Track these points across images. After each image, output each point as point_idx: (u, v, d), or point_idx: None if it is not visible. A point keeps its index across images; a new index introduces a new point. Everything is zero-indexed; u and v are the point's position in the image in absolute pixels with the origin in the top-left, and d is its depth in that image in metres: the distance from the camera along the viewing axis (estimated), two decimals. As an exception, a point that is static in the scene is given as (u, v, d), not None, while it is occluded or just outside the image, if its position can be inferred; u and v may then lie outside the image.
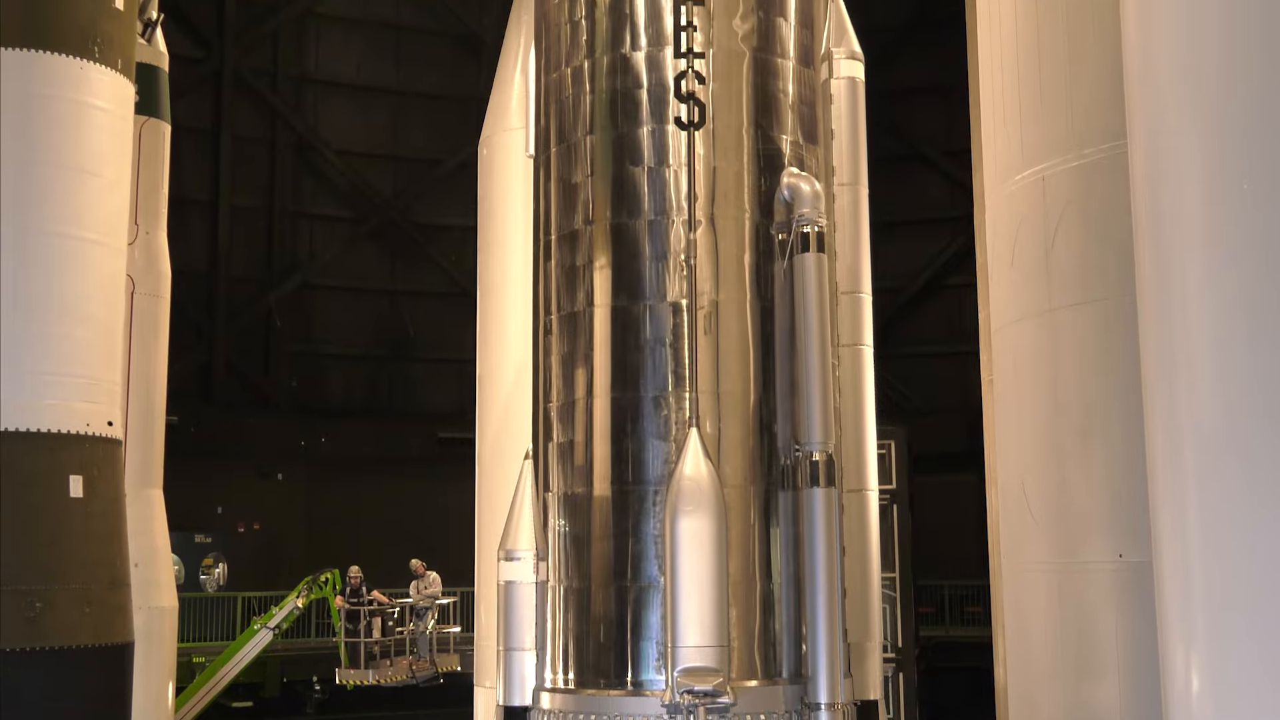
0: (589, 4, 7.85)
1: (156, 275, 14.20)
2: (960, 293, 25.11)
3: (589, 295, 7.55)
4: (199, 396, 26.14)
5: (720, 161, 7.47)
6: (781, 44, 7.80)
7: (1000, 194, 7.18)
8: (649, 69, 7.59)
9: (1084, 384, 6.46)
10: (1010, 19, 7.08)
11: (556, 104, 8.00)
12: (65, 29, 8.58)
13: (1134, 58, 4.15)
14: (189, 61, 24.96)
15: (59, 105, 8.53)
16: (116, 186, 9.08)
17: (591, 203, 7.63)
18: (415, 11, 28.29)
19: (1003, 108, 7.14)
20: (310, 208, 27.84)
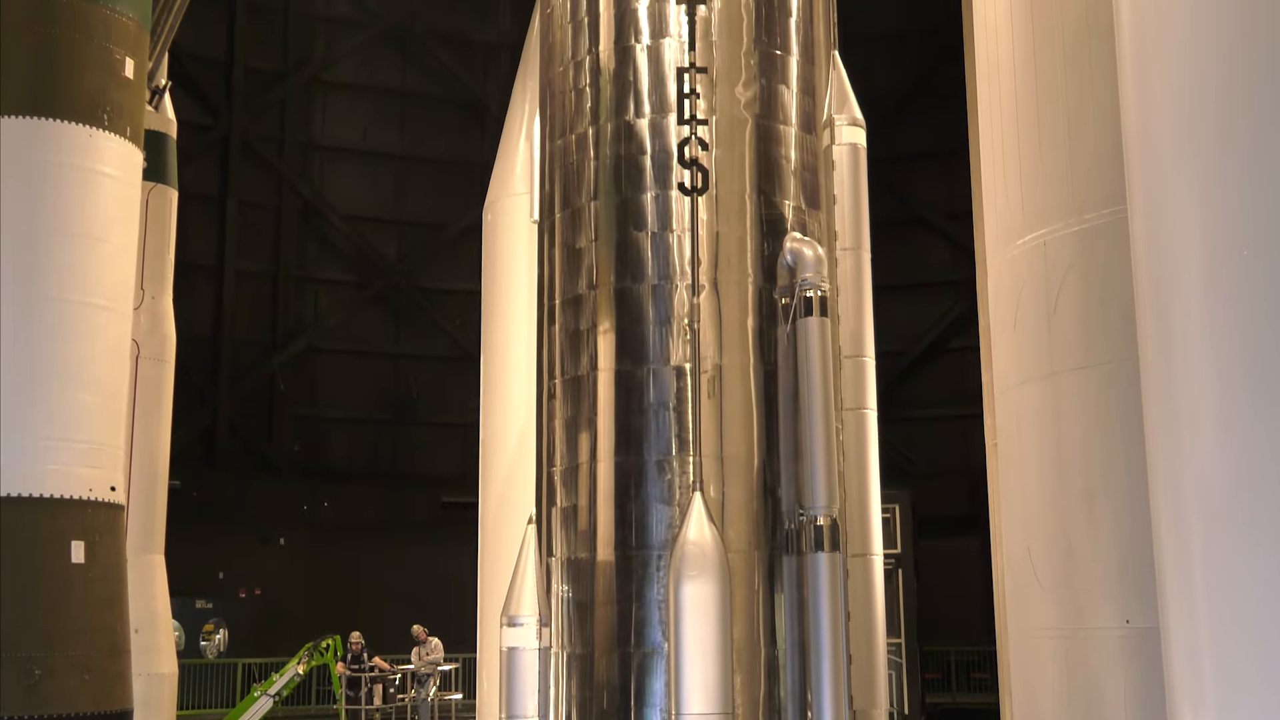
0: (593, 71, 7.94)
1: (161, 339, 14.24)
2: (963, 356, 25.13)
3: (593, 359, 7.56)
4: (201, 460, 26.11)
5: (723, 226, 7.52)
6: (784, 110, 7.88)
7: (1001, 258, 7.21)
8: (652, 135, 7.66)
9: (1088, 448, 6.44)
10: (1009, 84, 7.15)
11: (561, 169, 8.07)
12: (75, 97, 8.68)
13: (1133, 123, 4.18)
14: (197, 128, 25.21)
15: (68, 172, 8.61)
16: (123, 252, 9.13)
17: (595, 267, 7.67)
18: (421, 78, 28.59)
19: (1003, 172, 7.19)
20: (315, 272, 27.97)
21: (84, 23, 8.75)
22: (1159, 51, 3.71)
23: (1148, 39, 3.76)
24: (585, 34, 8.08)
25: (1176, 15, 3.56)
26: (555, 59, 8.31)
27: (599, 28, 8.01)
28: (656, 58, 7.78)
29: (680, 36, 7.75)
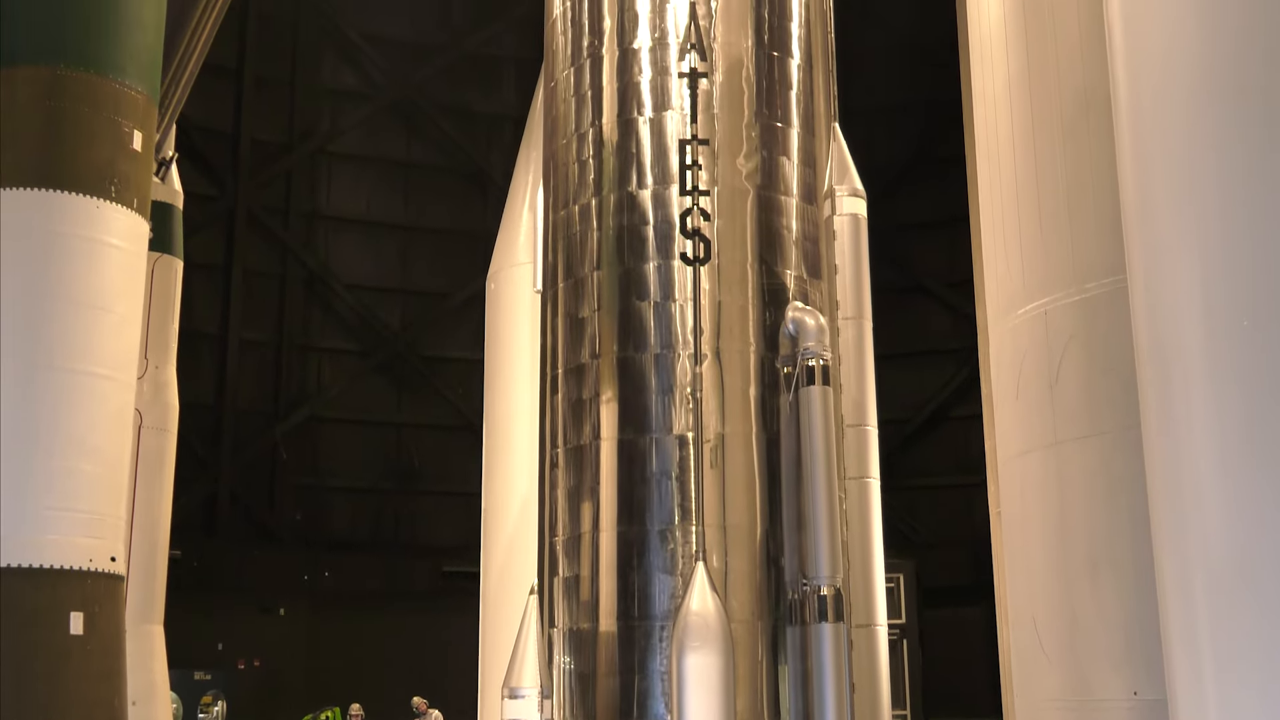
0: (596, 143, 8.03)
1: (164, 408, 14.25)
2: (966, 424, 25.07)
3: (595, 428, 7.57)
4: (202, 530, 26.00)
5: (725, 296, 7.56)
6: (785, 182, 7.96)
7: (1003, 327, 7.23)
8: (655, 206, 7.73)
9: (1092, 517, 6.42)
10: (1009, 155, 7.21)
11: (564, 240, 8.13)
12: (84, 169, 8.78)
13: (1131, 193, 4.22)
14: (203, 199, 25.40)
15: (75, 243, 8.68)
16: (128, 323, 9.18)
17: (598, 337, 7.70)
18: (425, 149, 28.85)
19: (1003, 241, 7.23)
20: (318, 341, 28.04)
21: (94, 96, 8.87)
22: (1156, 123, 3.76)
23: (1145, 111, 3.81)
24: (588, 107, 8.18)
25: (1173, 89, 3.61)
26: (559, 131, 8.41)
27: (602, 101, 8.12)
28: (659, 130, 7.87)
29: (682, 109, 7.85)
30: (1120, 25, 3.84)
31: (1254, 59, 3.27)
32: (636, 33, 8.11)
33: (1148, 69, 3.75)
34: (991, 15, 7.48)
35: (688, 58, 7.94)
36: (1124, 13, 3.82)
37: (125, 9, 9.09)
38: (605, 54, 8.18)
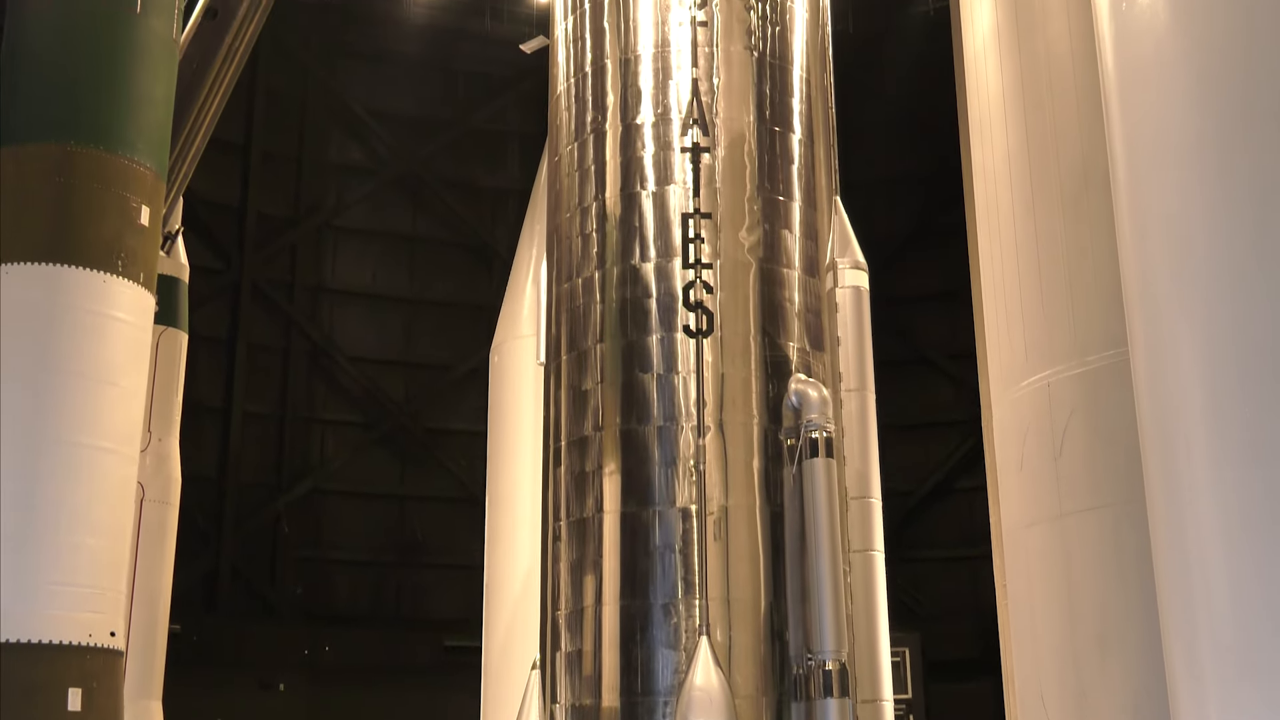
0: (599, 217, 8.09)
1: (166, 481, 14.22)
2: (970, 496, 24.95)
3: (598, 501, 7.55)
4: (202, 604, 25.82)
5: (728, 368, 7.58)
6: (787, 255, 8.00)
7: (1006, 399, 7.24)
8: (658, 279, 7.77)
9: (1099, 590, 6.38)
10: (1009, 229, 7.26)
11: (567, 312, 8.17)
12: (91, 244, 8.84)
13: (1131, 266, 4.24)
14: (209, 272, 25.54)
15: (81, 317, 8.72)
16: (133, 396, 9.19)
17: (601, 409, 7.70)
18: (430, 223, 29.03)
19: (1005, 314, 7.26)
20: (322, 413, 28.02)
21: (103, 172, 8.96)
22: (1154, 197, 3.79)
23: (1143, 184, 3.84)
24: (592, 181, 8.25)
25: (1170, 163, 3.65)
26: (562, 205, 8.48)
27: (605, 175, 8.19)
28: (662, 204, 7.93)
29: (685, 183, 7.92)
30: (1117, 100, 3.89)
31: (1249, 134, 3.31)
32: (639, 108, 8.20)
33: (1145, 143, 3.79)
34: (990, 89, 7.57)
35: (690, 132, 8.03)
36: (1120, 88, 3.87)
37: (136, 87, 9.21)
38: (608, 129, 8.27)
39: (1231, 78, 3.33)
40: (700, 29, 8.26)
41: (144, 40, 9.30)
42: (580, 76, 8.57)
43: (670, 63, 8.23)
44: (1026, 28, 7.18)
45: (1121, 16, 3.74)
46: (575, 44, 8.69)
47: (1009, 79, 7.31)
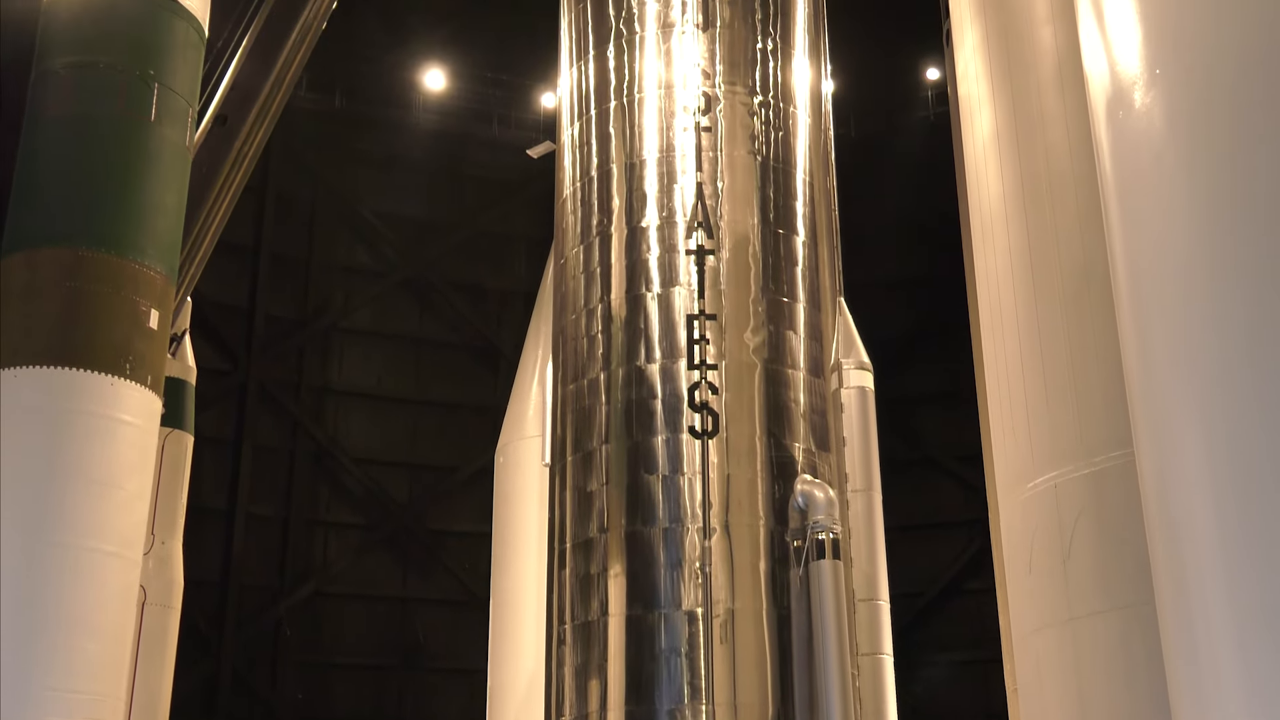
0: (605, 319, 8.14)
1: (168, 584, 14.12)
2: (980, 598, 24.69)
3: (603, 604, 7.48)
4: (202, 709, 25.45)
5: (734, 469, 7.56)
6: (792, 356, 8.03)
7: (1013, 500, 7.20)
8: (663, 380, 7.80)
9: (1111, 695, 6.28)
10: (1013, 330, 7.29)
11: (573, 413, 8.17)
12: (100, 348, 8.90)
13: (1135, 368, 4.26)
14: (216, 374, 25.63)
15: (89, 420, 8.74)
16: (138, 499, 9.17)
17: (606, 511, 7.67)
18: (436, 324, 29.19)
19: (1010, 415, 7.26)
20: (326, 515, 27.91)
21: (113, 276, 9.05)
22: (1155, 299, 3.82)
23: (1144, 287, 3.87)
24: (597, 283, 8.32)
25: (1169, 269, 3.69)
26: (568, 306, 8.54)
27: (611, 277, 8.26)
28: (667, 305, 7.99)
29: (690, 285, 7.98)
30: (1116, 206, 3.94)
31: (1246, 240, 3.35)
32: (645, 212, 8.30)
33: (1144, 247, 3.83)
34: (991, 192, 7.65)
35: (695, 235, 8.11)
36: (1119, 194, 3.92)
37: (149, 193, 9.35)
38: (614, 232, 8.36)
39: (1229, 184, 3.37)
40: (704, 134, 8.40)
41: (158, 148, 9.46)
42: (586, 181, 8.69)
43: (675, 167, 8.34)
44: (1026, 132, 7.29)
45: (1118, 124, 3.81)
46: (581, 149, 8.83)
47: (1009, 182, 7.40)
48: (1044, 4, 7.31)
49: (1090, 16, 4.05)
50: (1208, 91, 3.44)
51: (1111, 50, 3.87)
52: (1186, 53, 3.52)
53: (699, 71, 8.53)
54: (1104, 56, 3.92)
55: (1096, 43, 3.99)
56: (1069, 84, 6.89)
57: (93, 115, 9.33)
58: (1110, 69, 3.85)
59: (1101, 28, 3.95)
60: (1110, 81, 3.84)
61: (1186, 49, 3.52)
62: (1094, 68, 4.01)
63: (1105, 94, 3.88)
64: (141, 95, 9.41)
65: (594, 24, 9.03)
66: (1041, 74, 7.23)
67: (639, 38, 8.74)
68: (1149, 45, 3.66)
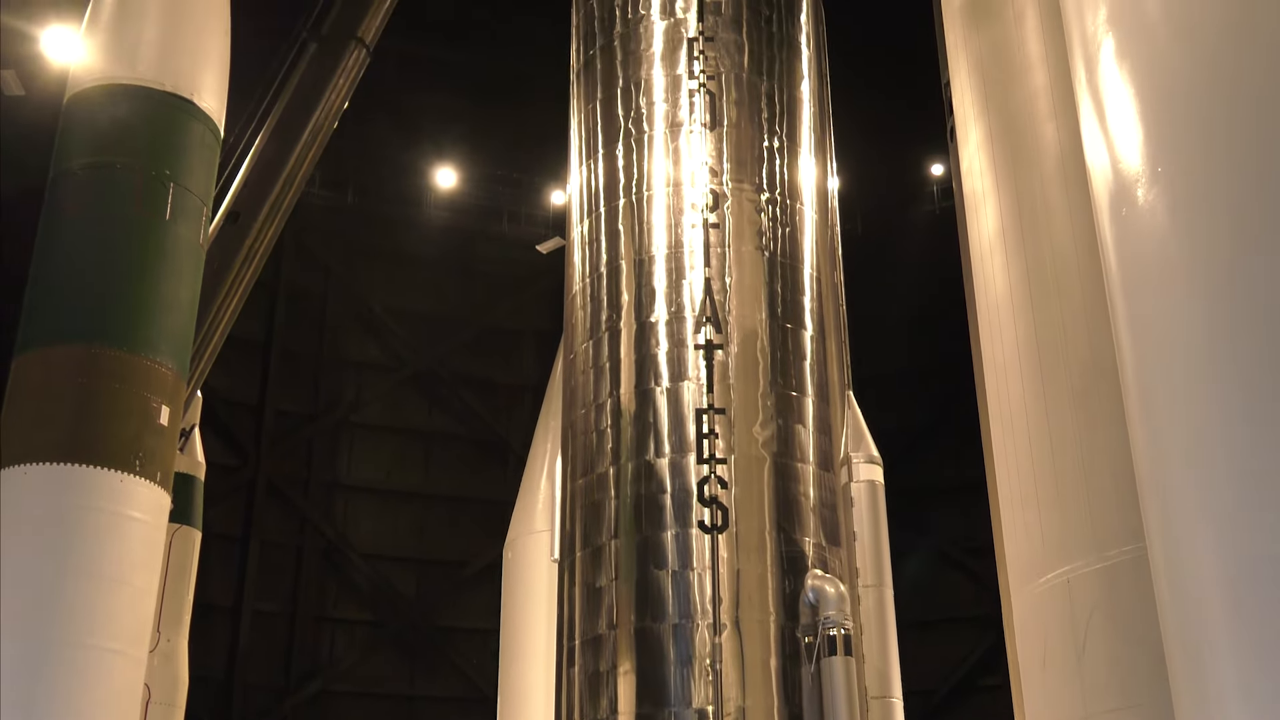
0: (615, 413, 8.15)
1: (173, 682, 13.97)
2: (994, 694, 24.30)
3: (612, 702, 7.39)
4: (205, 813, 25.04)
5: (744, 564, 7.52)
6: (801, 449, 8.03)
7: (1026, 595, 7.13)
8: (672, 474, 7.79)
9: (1130, 796, 6.16)
10: (1022, 423, 7.28)
11: (582, 508, 8.15)
12: (110, 444, 8.91)
13: (1144, 463, 4.25)
14: (225, 469, 25.61)
15: (97, 516, 8.73)
16: (145, 596, 9.12)
17: (615, 607, 7.61)
18: (445, 419, 29.22)
19: (1021, 508, 7.22)
20: (333, 612, 27.69)
21: (125, 373, 9.10)
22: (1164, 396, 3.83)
23: (1151, 385, 3.89)
24: (607, 378, 8.35)
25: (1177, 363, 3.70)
26: (578, 401, 8.56)
27: (620, 372, 8.29)
28: (676, 400, 8.00)
29: (699, 379, 8.01)
30: (1121, 300, 3.97)
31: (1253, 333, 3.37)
32: (654, 307, 8.36)
33: (1151, 342, 3.85)
34: (997, 286, 7.69)
35: (703, 330, 8.15)
36: (1124, 289, 3.95)
37: (163, 291, 9.43)
38: (623, 327, 8.41)
39: (1231, 281, 3.40)
40: (712, 230, 8.48)
41: (172, 246, 9.57)
42: (596, 276, 8.76)
43: (684, 263, 8.42)
44: (1030, 227, 7.35)
45: (1122, 220, 3.85)
46: (591, 245, 8.92)
47: (1015, 277, 7.44)
48: (1046, 101, 7.42)
49: (1092, 114, 4.12)
50: (1208, 189, 3.48)
51: (1113, 147, 3.93)
52: (1186, 151, 3.57)
53: (707, 169, 8.65)
54: (1106, 154, 3.98)
55: (1098, 140, 4.05)
56: (1072, 180, 6.96)
57: (108, 215, 9.46)
58: (1112, 166, 3.91)
59: (1103, 125, 4.02)
60: (1113, 178, 3.89)
61: (1186, 147, 3.57)
62: (1096, 164, 4.06)
63: (1108, 190, 3.93)
64: (157, 195, 9.55)
65: (603, 124, 9.18)
66: (1045, 170, 7.31)
67: (647, 137, 8.87)
68: (1150, 143, 3.72)
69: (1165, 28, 3.74)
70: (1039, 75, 7.52)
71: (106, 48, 10.05)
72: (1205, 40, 3.59)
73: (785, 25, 9.45)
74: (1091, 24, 4.03)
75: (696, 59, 8.98)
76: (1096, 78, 3.99)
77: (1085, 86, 4.12)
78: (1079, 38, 4.16)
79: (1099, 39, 3.98)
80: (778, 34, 9.35)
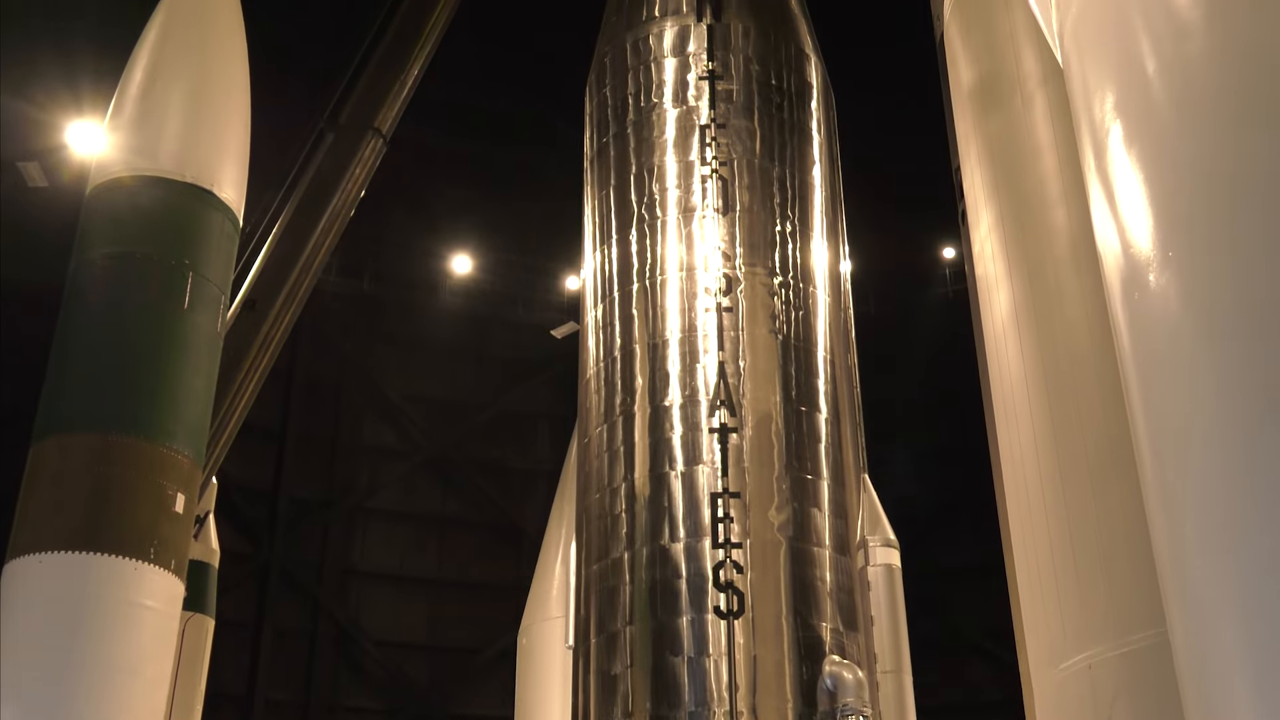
0: (629, 497, 8.13)
1: (186, 774, 13.81)
2: (1018, 783, 23.88)
3: (630, 793, 7.29)
4: None
5: (760, 650, 7.45)
6: (817, 533, 7.98)
7: (1047, 680, 7.04)
8: (688, 559, 7.74)
9: None
10: (1039, 505, 7.24)
11: (597, 594, 8.10)
12: (125, 532, 8.92)
13: (1163, 547, 4.22)
14: (239, 556, 25.54)
15: (111, 605, 8.70)
16: (157, 685, 9.06)
17: (631, 694, 7.54)
18: (460, 504, 29.16)
19: (1040, 593, 7.15)
20: (345, 700, 27.42)
21: (140, 461, 9.13)
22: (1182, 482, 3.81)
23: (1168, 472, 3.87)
24: (621, 462, 8.34)
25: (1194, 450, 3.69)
26: (592, 485, 8.54)
27: (634, 456, 8.28)
28: (691, 484, 7.98)
29: (713, 463, 7.99)
30: (1136, 387, 3.97)
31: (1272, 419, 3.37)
32: (668, 391, 8.37)
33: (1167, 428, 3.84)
34: (1011, 370, 7.69)
35: (717, 413, 8.16)
36: (1139, 375, 3.95)
37: (179, 380, 9.50)
38: (637, 411, 8.42)
39: (1249, 366, 3.41)
40: (726, 314, 8.52)
41: (190, 335, 9.65)
42: (610, 360, 8.79)
43: (697, 346, 8.45)
44: (1044, 311, 7.37)
45: (1134, 305, 3.86)
46: (605, 330, 8.96)
47: (1030, 360, 7.44)
48: (1056, 186, 7.47)
49: (1101, 199, 4.15)
50: (1219, 273, 3.50)
51: (1124, 232, 3.95)
52: (1197, 235, 3.59)
53: (720, 254, 8.71)
54: (1117, 238, 4.00)
55: (1109, 225, 4.07)
56: (1084, 263, 6.98)
57: (127, 303, 9.56)
58: (1123, 251, 3.93)
59: (1113, 210, 4.04)
60: (1124, 263, 3.91)
61: (1197, 231, 3.60)
62: (1108, 249, 4.09)
63: (1120, 275, 3.95)
64: (176, 284, 9.65)
65: (617, 209, 9.27)
66: (1057, 253, 7.34)
67: (661, 222, 8.96)
68: (1160, 228, 3.74)
69: (1172, 113, 3.79)
70: (1049, 160, 7.58)
71: (129, 140, 10.23)
72: (1212, 125, 3.63)
73: (796, 112, 9.57)
74: (1099, 111, 4.08)
75: (709, 145, 9.09)
76: (1105, 163, 4.03)
77: (1094, 172, 4.16)
78: (1087, 124, 4.21)
79: (1107, 125, 4.03)
80: (789, 120, 9.47)
